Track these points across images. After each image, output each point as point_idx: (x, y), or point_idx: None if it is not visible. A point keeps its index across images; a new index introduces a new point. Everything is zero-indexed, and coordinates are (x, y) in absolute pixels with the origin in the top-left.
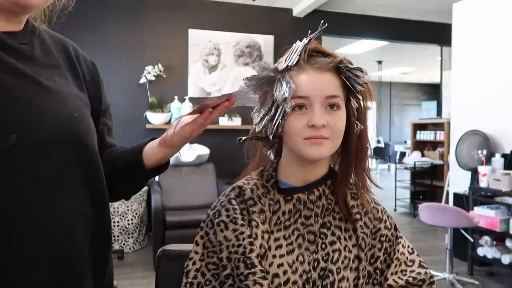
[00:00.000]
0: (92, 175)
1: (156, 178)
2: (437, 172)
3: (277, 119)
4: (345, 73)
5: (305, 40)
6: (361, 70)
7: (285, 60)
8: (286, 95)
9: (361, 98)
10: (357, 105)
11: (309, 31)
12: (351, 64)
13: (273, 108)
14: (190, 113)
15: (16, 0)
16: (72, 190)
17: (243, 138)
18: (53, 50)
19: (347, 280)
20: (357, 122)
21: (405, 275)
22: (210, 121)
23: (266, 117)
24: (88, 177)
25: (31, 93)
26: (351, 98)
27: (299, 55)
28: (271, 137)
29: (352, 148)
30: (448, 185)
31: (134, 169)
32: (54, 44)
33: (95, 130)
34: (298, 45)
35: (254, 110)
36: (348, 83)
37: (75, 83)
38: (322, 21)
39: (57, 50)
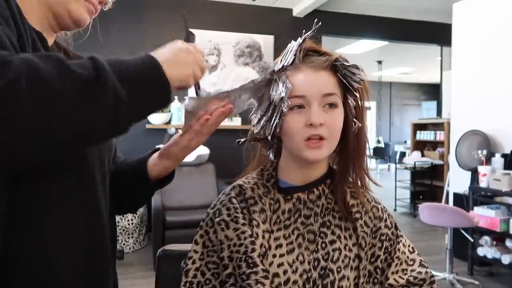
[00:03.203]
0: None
1: None
2: (437, 172)
3: (274, 119)
4: (341, 71)
5: (299, 40)
6: (357, 68)
7: (281, 60)
8: (283, 94)
9: (358, 95)
10: (354, 103)
11: (303, 31)
12: (347, 61)
13: (270, 108)
14: (185, 123)
15: (77, 19)
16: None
17: (242, 140)
18: None
19: (348, 279)
20: (354, 120)
21: (406, 274)
22: (208, 130)
23: (264, 118)
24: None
25: None
26: (348, 96)
27: (294, 55)
28: (269, 138)
29: (350, 146)
30: (448, 185)
31: (139, 181)
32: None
33: None
34: (293, 45)
35: (252, 112)
36: (344, 81)
37: None
38: (316, 20)
39: None
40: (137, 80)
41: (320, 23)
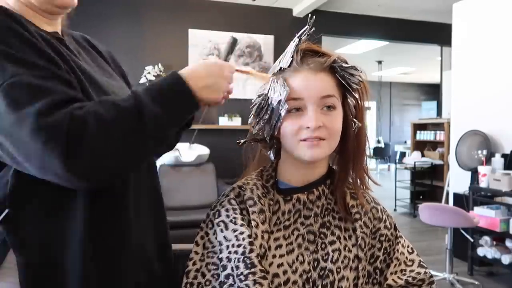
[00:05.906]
0: None
1: None
2: (437, 172)
3: (272, 121)
4: (339, 72)
5: (296, 40)
6: (356, 69)
7: (279, 61)
8: (281, 97)
9: (357, 96)
10: (354, 103)
11: (307, 28)
12: (346, 63)
13: (269, 111)
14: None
15: (60, 2)
16: None
17: (242, 141)
18: (87, 47)
19: (347, 279)
20: (354, 120)
21: (404, 274)
22: None
23: (262, 119)
24: None
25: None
26: (348, 97)
27: (292, 57)
28: (268, 139)
29: (349, 146)
30: (448, 185)
31: None
32: (81, 41)
33: None
34: (291, 46)
35: (250, 114)
36: (343, 82)
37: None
38: (313, 16)
39: (87, 46)
40: (166, 96)
41: (313, 18)
